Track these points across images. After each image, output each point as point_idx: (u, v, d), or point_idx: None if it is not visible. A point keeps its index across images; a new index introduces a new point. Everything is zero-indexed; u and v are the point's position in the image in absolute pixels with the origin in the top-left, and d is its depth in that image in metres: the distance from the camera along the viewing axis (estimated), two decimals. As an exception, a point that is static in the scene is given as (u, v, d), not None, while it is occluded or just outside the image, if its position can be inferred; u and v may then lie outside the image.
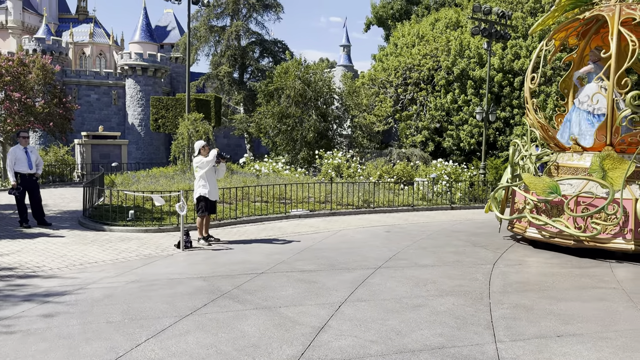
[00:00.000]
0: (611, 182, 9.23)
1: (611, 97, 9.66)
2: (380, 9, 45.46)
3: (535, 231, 10.08)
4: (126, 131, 48.79)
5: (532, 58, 11.12)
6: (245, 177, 18.33)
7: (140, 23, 52.96)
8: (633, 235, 9.05)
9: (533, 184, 9.82)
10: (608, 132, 9.78)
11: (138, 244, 10.44)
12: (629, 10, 9.85)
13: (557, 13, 10.95)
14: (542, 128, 10.95)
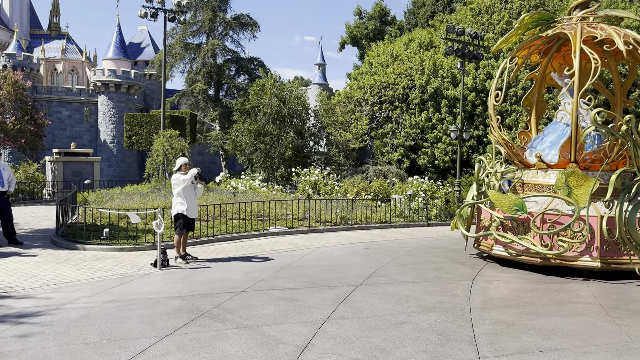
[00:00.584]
0: (576, 199, 9.19)
1: (575, 114, 9.68)
2: (355, 29, 46.09)
3: (501, 249, 10.00)
4: (98, 148, 48.03)
5: (496, 75, 11.17)
6: (221, 195, 18.17)
7: (114, 39, 52.52)
8: (599, 253, 9.03)
9: (499, 201, 9.77)
10: (572, 149, 9.76)
11: (113, 262, 10.21)
12: (590, 29, 9.98)
13: (519, 31, 10.99)
14: (507, 145, 10.95)
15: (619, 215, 8.88)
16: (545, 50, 11.51)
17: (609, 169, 9.67)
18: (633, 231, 8.90)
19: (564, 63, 11.13)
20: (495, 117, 11.08)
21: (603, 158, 9.63)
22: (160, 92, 24.20)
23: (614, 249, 9.09)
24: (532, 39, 11.00)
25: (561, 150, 9.95)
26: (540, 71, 11.79)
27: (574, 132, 9.68)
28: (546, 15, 10.88)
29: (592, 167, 9.82)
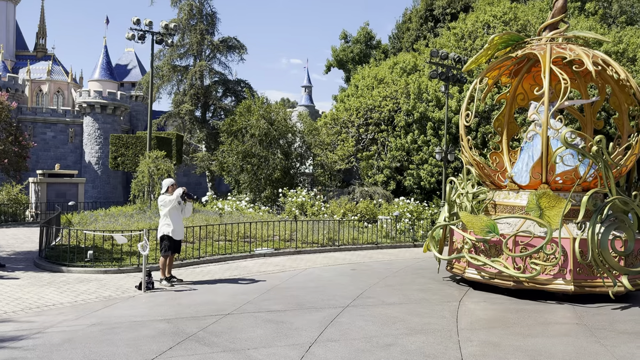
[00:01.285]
0: (549, 220, 8.98)
1: (545, 135, 9.54)
2: (341, 52, 46.68)
3: (474, 272, 9.73)
4: (82, 169, 47.61)
5: (466, 96, 11.07)
6: (208, 216, 18.08)
7: (100, 61, 52.51)
8: (572, 276, 8.82)
9: (470, 223, 9.53)
10: (543, 170, 9.60)
11: (97, 285, 10.07)
12: (560, 50, 9.93)
13: (489, 51, 10.86)
14: (478, 166, 10.76)
15: (592, 237, 8.72)
16: (515, 71, 11.47)
17: (580, 190, 9.53)
18: (606, 253, 8.74)
19: (535, 84, 11.17)
20: (466, 137, 10.92)
21: (574, 179, 9.52)
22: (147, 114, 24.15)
23: (588, 272, 8.90)
24: (502, 60, 10.90)
25: (532, 171, 9.83)
26: (510, 92, 11.74)
27: (545, 152, 9.55)
28: (515, 36, 10.79)
29: (564, 188, 9.68)
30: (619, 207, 9.16)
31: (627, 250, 8.93)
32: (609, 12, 29.87)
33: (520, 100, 11.71)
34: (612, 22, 29.19)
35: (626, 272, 8.82)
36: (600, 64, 9.74)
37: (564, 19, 10.74)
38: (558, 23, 10.71)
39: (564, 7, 10.71)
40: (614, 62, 9.95)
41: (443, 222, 10.70)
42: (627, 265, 8.96)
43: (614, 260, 8.78)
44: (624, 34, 23.63)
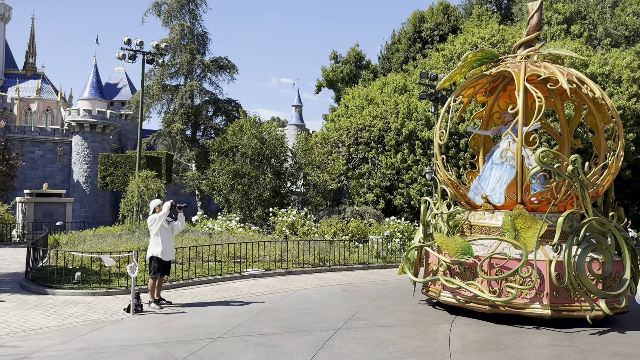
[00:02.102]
0: (524, 242, 8.68)
1: (520, 154, 9.28)
2: (331, 72, 47.06)
3: (449, 295, 9.37)
4: (71, 189, 47.22)
5: (441, 114, 10.83)
6: (197, 236, 17.93)
7: (90, 80, 52.45)
8: (549, 300, 8.50)
9: (445, 245, 9.24)
10: (518, 190, 9.31)
11: (85, 308, 9.91)
12: (534, 67, 9.71)
13: (464, 69, 10.60)
14: (453, 185, 10.51)
15: (568, 260, 8.41)
16: (491, 89, 11.27)
17: (556, 211, 9.30)
18: (583, 276, 8.45)
19: (510, 102, 10.82)
20: (441, 156, 10.64)
21: (550, 199, 9.23)
22: (136, 132, 24.10)
23: (565, 296, 8.60)
24: (477, 78, 10.67)
25: (507, 191, 9.55)
26: (486, 110, 11.54)
27: (519, 172, 9.28)
28: (490, 54, 10.56)
29: (540, 208, 9.38)
30: (596, 228, 8.93)
31: (604, 272, 8.70)
32: (594, 34, 30.45)
33: (496, 119, 11.44)
34: (597, 44, 29.74)
35: (604, 296, 8.55)
36: (575, 82, 9.56)
37: (538, 36, 10.58)
38: (533, 40, 10.56)
39: (539, 24, 10.51)
40: (589, 80, 9.80)
41: (418, 243, 10.35)
42: (605, 288, 8.71)
43: (591, 284, 8.53)
44: (609, 56, 24.07)
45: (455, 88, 23.53)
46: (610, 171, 9.64)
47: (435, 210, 10.50)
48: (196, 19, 40.40)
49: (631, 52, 25.25)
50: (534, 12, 10.42)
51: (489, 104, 11.46)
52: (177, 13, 39.61)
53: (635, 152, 21.83)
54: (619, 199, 22.62)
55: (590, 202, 8.91)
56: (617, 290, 8.69)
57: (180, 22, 39.45)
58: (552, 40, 27.19)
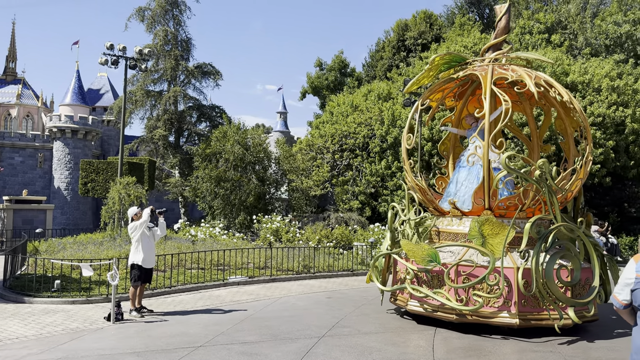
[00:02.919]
0: (491, 249, 8.37)
1: (487, 159, 8.99)
2: (315, 79, 47.14)
3: (417, 304, 9.08)
4: (51, 195, 46.51)
5: (408, 118, 10.55)
6: (180, 243, 17.75)
7: (72, 85, 51.85)
8: (517, 308, 8.20)
9: (412, 252, 8.91)
10: (486, 196, 9.02)
11: (64, 316, 9.71)
12: (502, 70, 9.46)
13: (431, 72, 10.29)
14: (421, 191, 10.14)
15: (536, 267, 8.12)
16: (460, 94, 11.03)
17: (525, 217, 8.99)
18: (551, 284, 8.16)
19: (479, 106, 10.19)
20: (408, 161, 10.34)
21: (518, 205, 8.96)
22: (119, 138, 23.84)
23: (533, 304, 8.32)
24: (444, 81, 10.39)
25: (474, 197, 9.27)
26: (455, 115, 11.31)
27: (487, 177, 8.98)
28: (458, 57, 10.29)
29: (508, 214, 9.07)
30: (565, 234, 8.66)
31: (573, 280, 8.45)
32: (575, 44, 30.92)
33: (465, 124, 11.15)
34: (577, 54, 30.20)
35: (573, 304, 8.27)
36: (542, 85, 9.30)
37: (507, 39, 10.36)
38: (501, 44, 10.30)
39: (507, 27, 10.27)
40: (557, 83, 9.54)
41: (385, 251, 9.98)
42: (574, 296, 8.46)
43: (559, 292, 8.25)
44: (589, 65, 24.45)
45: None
46: (579, 176, 9.38)
47: (402, 216, 10.21)
48: (180, 24, 40.21)
49: (610, 61, 25.68)
50: (502, 15, 10.22)
51: (458, 108, 11.22)
52: (161, 19, 39.38)
53: (614, 159, 22.15)
54: (599, 206, 22.93)
55: (558, 207, 8.65)
56: (586, 298, 8.43)
57: (164, 27, 39.22)
58: (534, 49, 27.53)
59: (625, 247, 21.31)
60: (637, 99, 23.29)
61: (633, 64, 27.57)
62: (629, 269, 3.39)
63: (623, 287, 3.43)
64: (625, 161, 22.38)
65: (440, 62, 10.16)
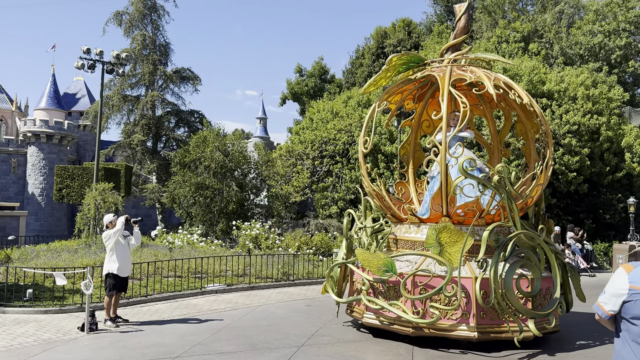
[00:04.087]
0: (449, 258, 7.93)
1: (444, 163, 8.57)
2: (295, 85, 47.12)
3: (372, 316, 8.57)
4: (25, 201, 45.53)
5: (365, 121, 10.09)
6: (157, 251, 17.48)
7: (47, 89, 50.94)
8: (476, 321, 7.78)
9: (367, 261, 8.40)
10: (443, 202, 8.59)
11: (36, 327, 9.44)
12: (460, 72, 9.13)
13: (389, 73, 9.83)
14: (378, 196, 9.70)
15: (494, 277, 7.67)
16: (419, 96, 10.63)
17: (484, 223, 8.58)
18: (510, 295, 7.71)
19: (439, 110, 9.71)
20: (365, 165, 9.94)
21: (477, 211, 8.58)
22: (95, 144, 23.47)
23: (492, 316, 7.91)
24: (402, 83, 9.98)
25: (432, 203, 8.87)
26: (415, 118, 10.92)
27: (444, 182, 8.56)
28: (416, 57, 9.93)
29: (467, 221, 8.63)
30: (525, 242, 8.24)
31: (534, 290, 8.01)
32: (551, 52, 31.46)
33: (425, 127, 10.87)
34: (553, 63, 30.73)
35: (533, 316, 7.86)
36: (502, 87, 8.95)
37: (466, 39, 10.06)
38: (461, 44, 9.92)
39: (467, 27, 9.92)
40: (516, 85, 9.19)
41: (341, 260, 9.50)
42: (535, 307, 8.07)
43: (519, 303, 7.81)
44: (565, 73, 24.87)
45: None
46: (539, 181, 8.95)
47: (359, 223, 9.74)
48: (158, 29, 39.92)
49: (585, 70, 26.18)
50: (461, 14, 9.86)
51: (418, 111, 10.83)
52: (139, 23, 39.05)
53: (590, 166, 22.52)
54: (575, 213, 23.26)
55: (518, 214, 8.24)
56: (548, 309, 8.05)
57: (141, 32, 38.88)
58: (511, 57, 27.92)
59: (600, 253, 21.63)
60: (611, 107, 23.76)
61: (607, 72, 28.16)
62: (620, 279, 3.26)
63: (611, 298, 3.28)
64: (600, 168, 22.78)
65: (399, 63, 9.77)
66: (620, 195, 22.77)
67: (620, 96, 24.99)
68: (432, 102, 10.63)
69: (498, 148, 10.70)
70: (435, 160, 8.89)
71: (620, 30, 30.14)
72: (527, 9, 36.70)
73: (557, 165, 21.06)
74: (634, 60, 30.77)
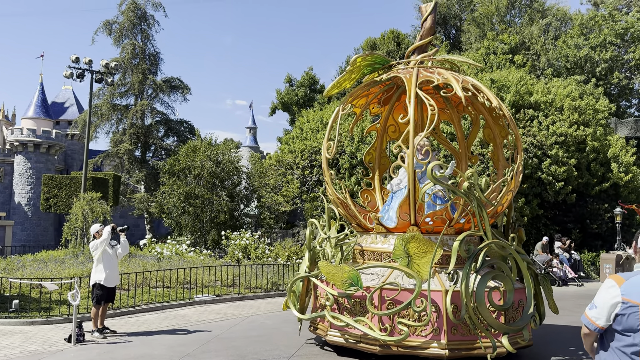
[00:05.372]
0: (418, 270, 7.43)
1: (411, 169, 8.10)
2: (285, 95, 47.24)
3: (337, 334, 8.00)
4: (12, 211, 45.03)
5: (328, 125, 9.62)
6: (145, 261, 17.33)
7: (35, 98, 50.59)
8: (447, 337, 7.29)
9: (331, 274, 7.83)
10: (411, 210, 8.13)
11: (22, 338, 9.31)
12: (427, 73, 8.73)
13: (353, 75, 9.36)
14: (342, 205, 9.21)
15: (465, 290, 7.14)
16: (385, 100, 10.19)
17: (453, 232, 8.13)
18: (482, 308, 7.20)
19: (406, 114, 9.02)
20: (329, 171, 9.39)
21: (446, 219, 8.09)
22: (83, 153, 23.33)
23: (464, 332, 7.42)
24: (367, 85, 9.51)
25: (399, 211, 8.41)
26: (381, 123, 10.46)
27: (412, 189, 8.11)
28: (381, 59, 9.45)
29: (436, 230, 8.13)
30: (496, 252, 7.80)
31: (506, 303, 7.53)
32: (538, 64, 31.86)
33: (391, 133, 10.39)
34: (540, 74, 31.10)
35: (506, 331, 7.36)
36: (470, 89, 8.56)
37: (432, 41, 9.62)
38: (427, 46, 9.54)
39: (433, 27, 9.53)
40: (485, 88, 8.81)
41: (303, 273, 8.90)
42: (508, 321, 7.60)
43: (492, 317, 7.29)
44: (552, 85, 25.16)
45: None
46: (509, 188, 8.55)
47: (322, 233, 9.12)
48: (148, 38, 39.88)
49: (572, 81, 26.51)
50: (428, 15, 9.47)
51: (384, 115, 10.38)
52: (129, 32, 38.99)
53: (577, 177, 22.74)
54: (563, 222, 23.43)
55: (488, 223, 7.76)
56: (521, 323, 7.57)
57: (131, 41, 38.82)
58: (498, 69, 28.23)
59: (588, 262, 21.80)
60: (597, 119, 24.05)
61: (594, 84, 28.55)
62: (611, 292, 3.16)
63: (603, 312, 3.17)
64: (587, 179, 23.00)
65: (363, 64, 9.30)
66: (607, 205, 22.99)
67: (606, 107, 25.32)
68: (398, 105, 10.19)
69: (465, 154, 10.27)
70: (403, 166, 8.42)
71: (606, 43, 30.60)
72: (515, 21, 37.21)
73: (545, 175, 21.25)
74: (618, 72, 31.22)
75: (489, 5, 36.70)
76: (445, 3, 40.47)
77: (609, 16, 31.41)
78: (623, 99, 33.48)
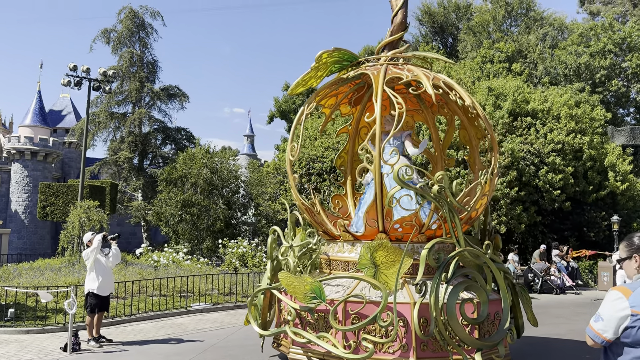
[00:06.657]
0: (385, 280, 6.78)
1: (378, 172, 7.43)
2: (283, 103, 47.32)
3: (299, 351, 7.34)
4: (8, 219, 44.88)
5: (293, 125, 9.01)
6: (142, 269, 17.28)
7: (33, 106, 50.58)
8: (416, 354, 6.66)
9: (292, 286, 7.16)
10: (379, 216, 7.47)
11: (17, 347, 9.24)
12: (396, 70, 8.18)
13: (320, 72, 8.68)
14: (308, 211, 8.54)
15: (435, 302, 6.55)
16: (356, 100, 9.60)
17: (424, 239, 7.46)
18: (454, 322, 6.60)
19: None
20: (292, 175, 8.77)
21: (416, 225, 7.44)
22: (80, 161, 23.31)
23: (435, 347, 6.77)
24: (334, 83, 8.94)
25: (366, 217, 7.68)
26: (352, 125, 9.86)
27: (379, 193, 7.43)
28: (349, 55, 8.79)
29: (406, 237, 7.38)
30: (470, 260, 7.13)
31: (480, 316, 6.91)
32: (535, 72, 32.01)
33: (364, 135, 9.69)
34: (537, 82, 31.24)
35: (480, 347, 6.74)
36: (441, 87, 8.03)
37: (403, 37, 9.11)
38: (398, 42, 9.03)
39: (404, 22, 9.04)
40: (458, 86, 8.26)
41: (265, 285, 8.28)
42: (482, 335, 6.97)
43: (464, 332, 6.70)
44: (549, 93, 25.26)
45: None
46: (484, 191, 7.93)
47: (285, 242, 8.57)
48: (146, 47, 40.00)
49: (568, 90, 26.63)
50: (398, 9, 8.94)
51: (355, 117, 9.82)
52: (127, 41, 39.11)
53: (574, 184, 22.78)
54: (560, 230, 23.45)
55: (461, 229, 7.19)
56: (496, 338, 6.97)
57: (129, 49, 38.93)
58: (495, 77, 28.34)
59: (585, 270, 21.79)
60: (594, 127, 24.14)
61: (590, 92, 28.67)
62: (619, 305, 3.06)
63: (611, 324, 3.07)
64: (584, 186, 23.04)
65: (330, 60, 8.62)
66: (604, 214, 23.02)
67: (603, 116, 25.43)
68: (370, 106, 9.29)
69: (441, 157, 9.72)
70: (369, 168, 7.66)
71: (605, 51, 30.78)
72: (512, 29, 37.41)
73: (541, 182, 21.27)
74: (616, 79, 31.38)
75: (486, 14, 36.92)
76: (442, 12, 40.71)
77: (609, 26, 31.62)
78: (620, 107, 33.65)
